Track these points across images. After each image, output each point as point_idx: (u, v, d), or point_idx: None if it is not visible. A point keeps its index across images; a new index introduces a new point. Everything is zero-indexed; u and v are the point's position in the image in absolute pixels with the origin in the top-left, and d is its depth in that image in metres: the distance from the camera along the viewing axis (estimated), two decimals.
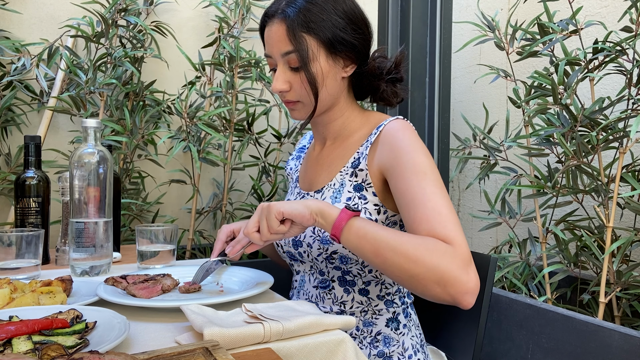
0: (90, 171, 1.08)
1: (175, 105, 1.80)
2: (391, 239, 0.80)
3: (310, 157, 1.16)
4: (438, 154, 2.00)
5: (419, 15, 1.99)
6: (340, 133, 1.08)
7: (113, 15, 1.80)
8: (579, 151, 1.38)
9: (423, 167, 0.90)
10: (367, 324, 1.00)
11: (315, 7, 0.95)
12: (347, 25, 0.98)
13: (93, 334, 0.69)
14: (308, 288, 1.06)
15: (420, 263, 0.77)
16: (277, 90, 0.99)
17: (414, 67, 1.99)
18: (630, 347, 1.05)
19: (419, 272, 0.77)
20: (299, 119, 1.05)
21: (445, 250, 0.78)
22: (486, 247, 2.14)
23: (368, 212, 0.97)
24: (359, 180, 1.00)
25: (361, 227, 0.83)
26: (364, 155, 0.99)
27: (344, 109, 1.07)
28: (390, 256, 0.79)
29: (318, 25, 0.95)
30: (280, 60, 0.98)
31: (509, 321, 1.33)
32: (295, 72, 0.98)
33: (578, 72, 1.43)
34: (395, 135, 0.95)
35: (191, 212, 1.93)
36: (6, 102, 1.69)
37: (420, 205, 0.85)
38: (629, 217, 1.59)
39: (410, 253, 0.78)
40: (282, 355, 0.69)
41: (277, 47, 0.97)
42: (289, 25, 0.95)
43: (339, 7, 0.97)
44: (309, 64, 0.96)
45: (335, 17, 0.96)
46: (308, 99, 1.00)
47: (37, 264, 1.07)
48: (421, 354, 1.02)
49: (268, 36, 0.99)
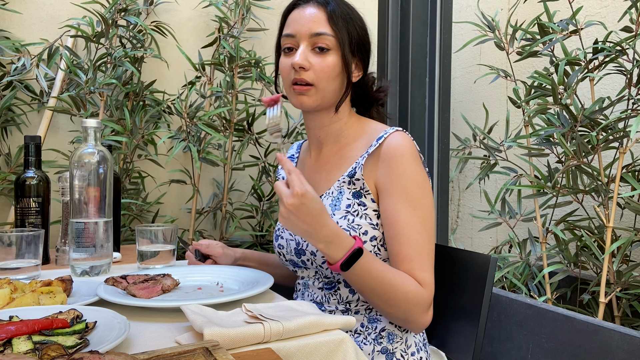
0: (90, 171, 1.08)
1: (175, 105, 1.80)
2: (378, 285, 0.92)
3: (306, 164, 1.15)
4: (438, 154, 2.00)
5: (419, 15, 1.99)
6: (338, 139, 1.09)
7: (113, 15, 1.81)
8: (579, 151, 1.38)
9: (415, 200, 0.96)
10: (372, 320, 1.01)
11: (349, 9, 1.04)
12: (365, 34, 1.07)
13: (93, 334, 0.69)
14: (313, 290, 1.06)
15: (396, 307, 0.93)
16: (298, 64, 0.99)
17: (414, 67, 1.99)
18: (630, 347, 1.05)
19: (391, 312, 0.95)
20: (307, 105, 1.03)
21: (418, 298, 0.93)
22: (486, 247, 2.14)
23: (368, 218, 0.99)
24: (357, 187, 1.01)
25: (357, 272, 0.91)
26: (360, 165, 1.01)
27: (343, 114, 1.08)
28: (372, 298, 0.94)
29: (352, 22, 1.03)
30: (306, 40, 1.00)
31: (509, 321, 1.33)
32: (321, 55, 1.00)
33: (578, 72, 1.43)
34: (394, 155, 0.97)
35: (191, 212, 1.93)
36: (6, 102, 1.69)
37: (406, 244, 0.95)
38: (629, 217, 1.59)
39: (391, 299, 0.93)
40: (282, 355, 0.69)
41: (310, 26, 1.00)
42: (330, 13, 1.00)
43: (359, 20, 1.06)
44: (345, 49, 1.00)
45: (359, 22, 1.05)
46: (326, 83, 1.01)
47: (37, 264, 1.07)
48: (424, 352, 1.03)
49: (300, 16, 1.02)
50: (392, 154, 0.98)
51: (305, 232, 0.89)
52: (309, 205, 0.87)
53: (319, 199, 0.89)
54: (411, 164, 0.97)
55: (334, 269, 0.91)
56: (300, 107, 1.04)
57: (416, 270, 0.94)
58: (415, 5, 1.98)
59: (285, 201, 0.87)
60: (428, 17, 2.00)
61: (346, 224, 0.99)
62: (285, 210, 0.88)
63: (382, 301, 0.93)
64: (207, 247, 1.17)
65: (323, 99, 1.02)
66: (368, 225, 0.99)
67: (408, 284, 0.92)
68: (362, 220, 0.99)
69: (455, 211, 2.31)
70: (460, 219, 2.29)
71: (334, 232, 0.89)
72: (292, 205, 0.86)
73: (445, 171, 2.02)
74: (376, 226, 0.99)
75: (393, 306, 0.93)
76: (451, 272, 1.10)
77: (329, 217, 0.90)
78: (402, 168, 0.97)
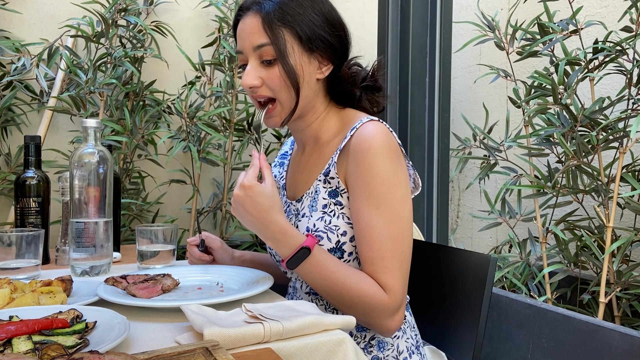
0: (90, 171, 1.08)
1: (175, 105, 1.80)
2: (330, 285, 0.89)
3: (293, 163, 1.12)
4: (438, 154, 2.00)
5: (419, 15, 1.99)
6: (318, 138, 1.03)
7: (113, 15, 1.80)
8: (579, 151, 1.38)
9: (379, 198, 0.89)
10: (361, 329, 0.98)
11: (293, 2, 0.94)
12: (324, 24, 0.96)
13: (93, 334, 0.69)
14: (300, 294, 1.04)
15: (353, 309, 0.89)
16: (247, 85, 0.94)
17: (414, 67, 1.99)
18: (630, 347, 1.05)
19: (352, 315, 0.86)
20: (277, 125, 0.99)
21: (377, 302, 0.88)
22: (486, 247, 2.14)
23: (345, 217, 0.95)
24: (333, 186, 0.96)
25: (306, 271, 0.90)
26: (334, 162, 0.96)
27: (319, 113, 1.02)
28: (328, 298, 0.91)
29: (295, 19, 0.93)
30: (252, 54, 0.94)
31: (509, 321, 1.33)
32: (268, 67, 0.93)
33: (578, 72, 1.43)
34: (361, 149, 0.90)
35: (191, 212, 1.93)
36: (6, 102, 1.69)
37: (366, 245, 0.90)
38: (629, 217, 1.59)
39: (346, 301, 0.89)
40: (282, 355, 0.69)
41: (250, 40, 0.93)
42: (264, 18, 0.92)
43: (316, 6, 0.96)
44: (287, 57, 0.92)
45: (312, 14, 0.95)
46: (284, 94, 0.94)
47: (37, 264, 1.07)
48: (416, 355, 1.01)
49: (241, 30, 0.96)
50: (359, 147, 0.90)
51: (253, 226, 0.90)
52: (255, 199, 0.87)
53: (270, 195, 0.88)
54: (378, 157, 0.89)
55: (283, 267, 0.91)
56: (273, 128, 1.02)
57: (379, 274, 0.89)
58: (415, 5, 1.98)
59: (234, 191, 0.89)
60: (428, 17, 2.00)
61: (323, 225, 0.94)
62: (232, 200, 0.90)
63: (338, 302, 0.91)
64: (207, 237, 1.16)
65: (289, 111, 0.96)
66: (346, 226, 0.94)
67: (365, 286, 0.88)
68: (340, 221, 0.94)
69: (455, 211, 2.31)
70: (460, 219, 2.29)
71: (281, 230, 0.89)
72: (237, 196, 0.89)
73: (445, 171, 2.02)
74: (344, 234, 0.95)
75: (350, 308, 0.89)
76: (451, 272, 1.10)
77: (278, 214, 0.89)
78: (367, 162, 0.89)
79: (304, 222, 0.97)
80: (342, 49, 1.00)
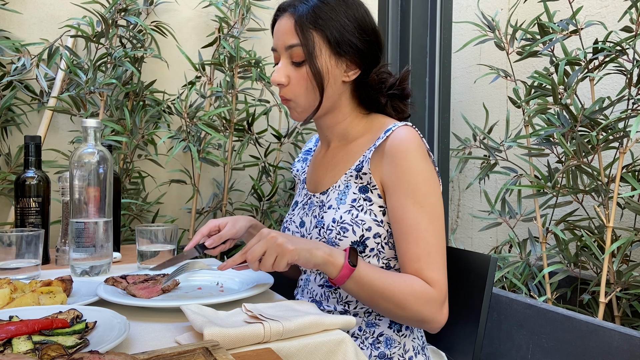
0: (90, 171, 1.08)
1: (175, 105, 1.80)
2: (385, 288, 0.90)
3: (316, 159, 1.16)
4: (438, 154, 2.00)
5: (419, 15, 1.99)
6: (345, 136, 1.08)
7: (113, 15, 1.80)
8: (579, 151, 1.38)
9: (422, 196, 0.93)
10: (370, 324, 0.99)
11: (327, 6, 0.98)
12: (355, 29, 0.99)
13: (93, 334, 0.69)
14: (313, 287, 1.05)
15: (407, 309, 0.90)
16: (275, 81, 1.00)
17: (414, 67, 1.99)
18: (630, 347, 1.05)
19: (405, 315, 0.91)
20: (297, 120, 1.06)
21: (428, 297, 0.90)
22: (486, 247, 2.14)
23: (373, 214, 0.97)
24: (364, 182, 1.00)
25: (359, 280, 0.90)
26: (367, 159, 0.99)
27: (347, 114, 1.06)
28: (382, 303, 0.91)
29: (326, 23, 0.97)
30: (284, 53, 1.00)
31: (509, 321, 1.33)
32: (297, 68, 0.99)
33: (578, 72, 1.43)
34: (400, 150, 0.95)
35: (191, 212, 1.94)
36: (6, 102, 1.69)
37: (413, 242, 0.93)
38: (629, 217, 1.59)
39: (400, 301, 0.90)
40: (282, 355, 0.69)
41: (283, 39, 0.99)
42: (297, 19, 0.97)
43: (350, 11, 0.99)
44: (314, 59, 0.97)
45: (344, 19, 0.98)
46: (303, 98, 1.00)
47: (37, 264, 1.07)
48: (421, 355, 1.02)
49: (276, 30, 1.02)
50: (397, 148, 0.95)
51: (306, 244, 0.90)
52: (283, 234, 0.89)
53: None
54: (417, 159, 0.95)
55: (338, 282, 0.90)
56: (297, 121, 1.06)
57: (424, 270, 0.91)
58: (415, 5, 1.98)
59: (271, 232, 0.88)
60: (428, 17, 2.00)
61: (350, 218, 0.97)
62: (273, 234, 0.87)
63: (392, 304, 0.90)
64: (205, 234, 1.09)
65: (309, 110, 1.02)
66: (372, 222, 0.97)
67: (414, 285, 0.90)
68: (367, 216, 0.97)
69: (455, 211, 2.31)
70: (460, 219, 2.29)
71: (326, 252, 0.90)
72: (275, 233, 0.87)
73: (445, 171, 2.02)
74: (380, 223, 0.97)
75: (404, 309, 0.90)
76: (451, 272, 1.09)
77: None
78: (407, 163, 0.94)
79: (330, 213, 1.00)
80: (372, 54, 1.03)
